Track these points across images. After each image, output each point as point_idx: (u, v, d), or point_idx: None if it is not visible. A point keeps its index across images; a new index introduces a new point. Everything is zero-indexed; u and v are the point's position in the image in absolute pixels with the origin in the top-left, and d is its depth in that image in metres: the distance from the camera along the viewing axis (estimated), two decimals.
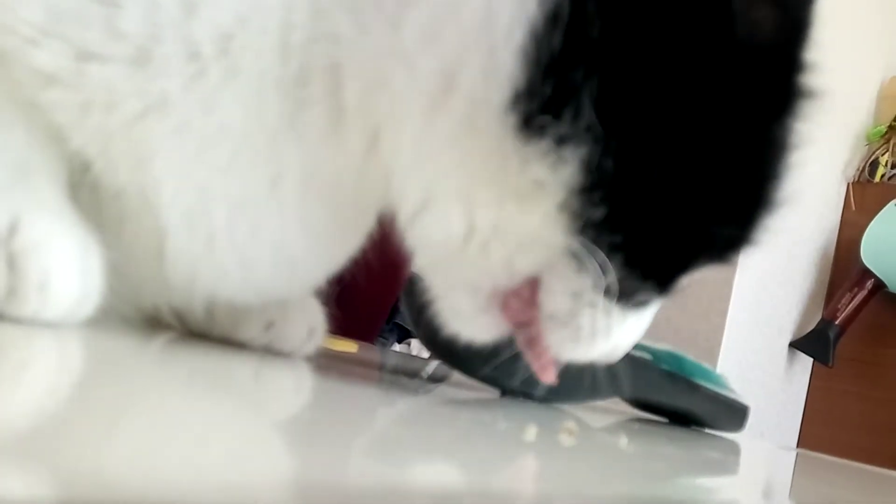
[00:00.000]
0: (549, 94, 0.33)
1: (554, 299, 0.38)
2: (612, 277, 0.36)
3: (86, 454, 0.18)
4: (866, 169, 1.98)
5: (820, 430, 1.90)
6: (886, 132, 1.97)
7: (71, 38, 0.36)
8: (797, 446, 1.91)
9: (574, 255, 0.36)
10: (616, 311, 0.38)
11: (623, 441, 0.41)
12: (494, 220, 0.36)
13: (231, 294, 0.45)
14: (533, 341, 0.40)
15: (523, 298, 0.39)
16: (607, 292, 0.37)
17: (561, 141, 0.34)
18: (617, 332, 0.39)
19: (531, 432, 0.36)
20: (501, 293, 0.39)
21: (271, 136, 0.40)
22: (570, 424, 0.41)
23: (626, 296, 0.38)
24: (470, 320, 0.41)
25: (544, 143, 0.34)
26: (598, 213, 0.35)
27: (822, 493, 0.52)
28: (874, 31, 2.00)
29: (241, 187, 0.40)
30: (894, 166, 1.96)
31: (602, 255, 0.36)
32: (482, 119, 0.35)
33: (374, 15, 0.38)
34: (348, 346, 0.77)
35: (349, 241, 0.50)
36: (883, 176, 1.96)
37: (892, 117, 1.98)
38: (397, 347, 1.28)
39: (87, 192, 0.40)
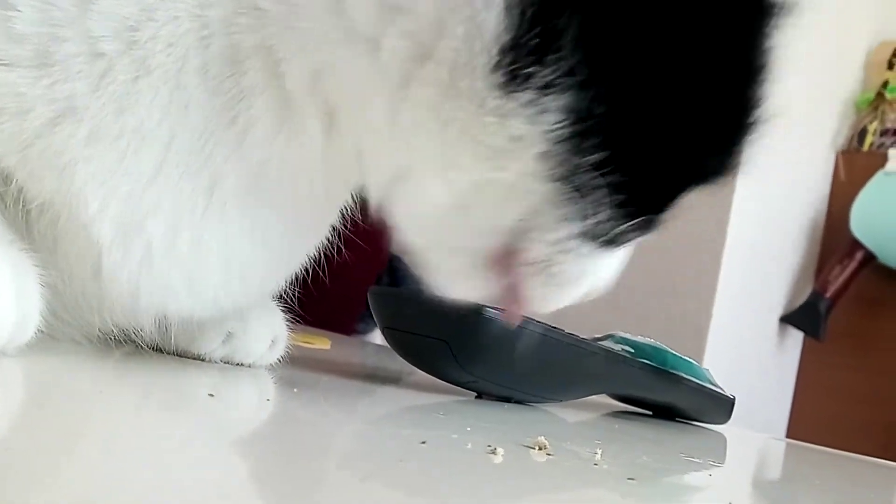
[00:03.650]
0: (533, 46, 0.33)
1: (535, 247, 0.37)
2: (598, 220, 0.36)
3: (32, 485, 0.18)
4: (855, 138, 1.96)
5: (812, 404, 1.90)
6: (875, 100, 1.95)
7: None
8: (789, 421, 1.91)
9: (555, 203, 0.36)
10: (597, 252, 0.38)
11: (598, 453, 0.39)
12: (473, 180, 0.36)
13: (179, 309, 0.43)
14: (512, 290, 0.40)
15: (509, 252, 0.38)
16: (590, 236, 0.37)
17: (544, 89, 0.33)
18: (596, 272, 0.39)
19: (499, 452, 0.35)
20: (488, 251, 0.38)
21: (200, 139, 0.38)
22: (541, 439, 0.39)
23: (611, 236, 0.37)
24: (459, 281, 0.40)
25: (526, 95, 0.33)
26: (586, 156, 0.34)
27: (811, 486, 0.51)
28: None
29: (174, 197, 0.38)
30: (883, 134, 1.94)
31: (587, 199, 0.35)
32: (465, 82, 0.34)
33: None
34: (321, 343, 0.75)
35: (309, 239, 0.48)
36: (872, 144, 1.94)
37: (881, 84, 1.95)
38: (378, 335, 1.26)
39: (12, 205, 0.38)
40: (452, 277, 0.40)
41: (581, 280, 0.39)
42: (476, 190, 0.36)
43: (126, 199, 0.37)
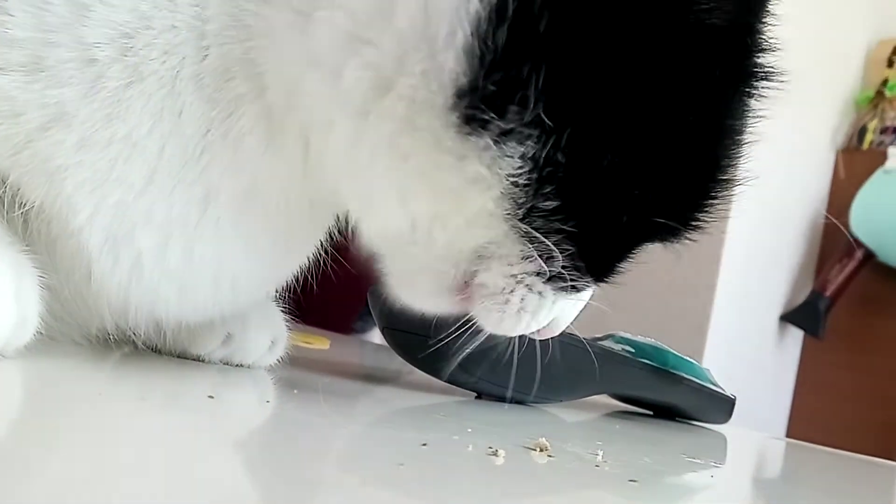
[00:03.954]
0: (494, 91, 0.32)
1: (491, 278, 0.38)
2: (554, 265, 0.36)
3: (31, 485, 0.18)
4: (855, 136, 1.96)
5: (812, 403, 1.90)
6: (874, 98, 1.95)
7: None
8: (788, 420, 1.91)
9: (512, 241, 0.36)
10: (551, 294, 0.38)
11: (599, 454, 0.39)
12: (434, 213, 0.36)
13: (169, 315, 0.42)
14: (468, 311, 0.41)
15: (469, 276, 0.39)
16: (545, 278, 0.37)
17: (504, 135, 0.33)
18: (547, 313, 0.39)
19: (500, 454, 0.35)
20: (449, 276, 0.38)
21: (195, 149, 0.37)
22: (542, 440, 0.38)
23: (564, 281, 0.38)
24: (422, 298, 0.41)
25: (485, 140, 0.33)
26: (542, 203, 0.34)
27: (812, 486, 0.51)
28: None
29: (166, 208, 0.38)
30: (883, 132, 1.94)
31: (542, 243, 0.36)
32: (422, 120, 0.33)
33: (279, 7, 0.36)
34: (321, 343, 0.75)
35: (303, 247, 0.48)
36: (871, 142, 1.94)
37: (880, 82, 1.95)
38: (376, 334, 1.25)
39: (9, 207, 0.37)
40: (416, 294, 0.41)
41: (538, 313, 0.39)
42: (436, 223, 0.36)
43: (116, 209, 0.37)
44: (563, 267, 0.37)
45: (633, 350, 0.64)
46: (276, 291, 0.51)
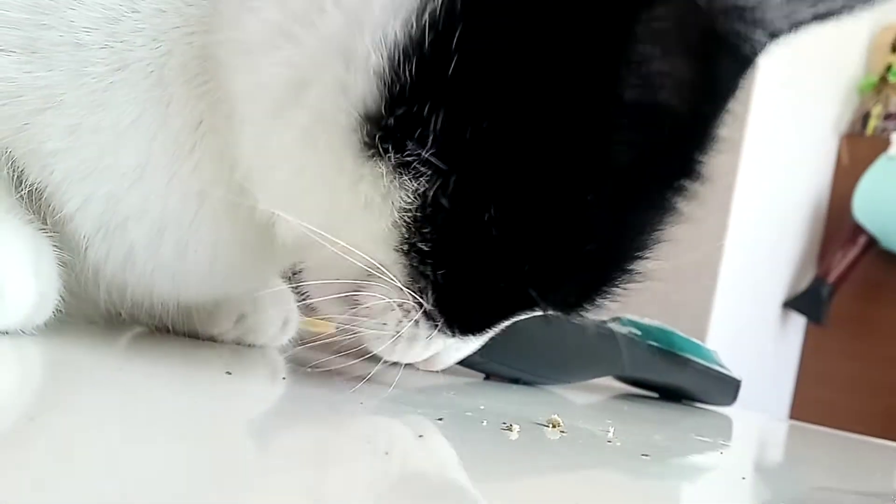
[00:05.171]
0: (394, 124, 0.32)
1: (370, 300, 0.37)
2: (428, 303, 0.36)
3: (53, 458, 0.18)
4: (858, 122, 1.96)
5: (814, 390, 1.90)
6: (878, 84, 1.94)
7: None
8: (791, 407, 1.92)
9: (396, 269, 0.35)
10: (426, 328, 0.37)
11: (610, 431, 0.39)
12: (327, 222, 0.35)
13: (165, 299, 0.42)
14: (352, 323, 0.39)
15: (358, 290, 0.38)
16: (423, 313, 0.36)
17: (400, 168, 0.32)
18: (425, 345, 0.38)
19: (515, 429, 0.35)
20: (338, 286, 0.38)
21: (185, 144, 0.37)
22: (555, 416, 0.39)
23: (436, 322, 0.37)
24: (318, 295, 0.41)
25: (381, 168, 0.33)
26: (421, 242, 0.34)
27: (816, 467, 0.51)
28: None
29: (161, 203, 0.37)
30: (886, 118, 1.93)
31: (419, 282, 0.35)
32: (324, 135, 0.33)
33: None
34: (325, 327, 0.75)
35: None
36: (875, 129, 1.93)
37: (884, 68, 1.95)
38: None
39: (18, 184, 0.38)
40: (315, 292, 0.41)
41: (413, 343, 0.38)
42: (329, 235, 0.35)
43: (107, 200, 0.37)
44: (436, 309, 0.36)
45: (640, 332, 0.65)
46: (287, 272, 0.51)
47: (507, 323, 0.39)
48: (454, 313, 0.36)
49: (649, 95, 0.33)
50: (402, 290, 0.36)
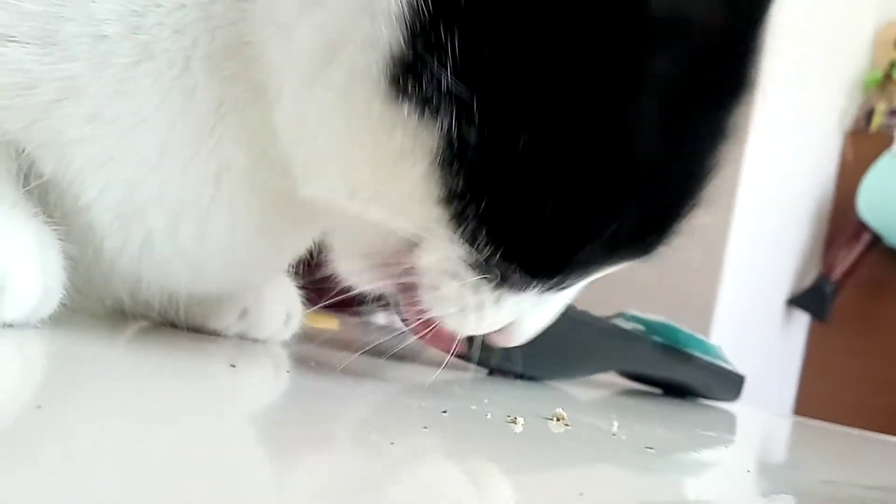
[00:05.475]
0: (413, 58, 0.32)
1: (422, 264, 0.36)
2: (480, 253, 0.34)
3: (59, 448, 0.18)
4: (862, 118, 1.95)
5: (817, 387, 1.90)
6: (882, 80, 1.94)
7: None
8: (795, 404, 1.91)
9: (441, 224, 0.34)
10: (488, 290, 0.35)
11: (615, 424, 0.39)
12: (371, 183, 0.35)
13: (182, 289, 0.43)
14: (412, 302, 0.38)
15: (402, 256, 0.37)
16: (478, 268, 0.35)
17: (423, 105, 0.32)
18: (493, 312, 0.36)
19: (519, 422, 0.35)
20: (383, 252, 0.37)
21: (208, 124, 0.37)
22: (559, 410, 0.39)
23: (496, 276, 0.35)
24: (357, 273, 0.39)
25: (406, 108, 0.32)
26: (460, 185, 0.33)
27: (819, 461, 0.51)
28: None
29: (178, 187, 0.38)
30: (891, 115, 1.93)
31: (466, 229, 0.34)
32: (359, 89, 0.33)
33: None
34: (329, 324, 0.75)
35: (312, 222, 0.48)
36: (879, 125, 1.93)
37: (888, 64, 1.94)
38: (383, 316, 1.25)
39: (27, 177, 0.38)
40: (352, 269, 0.39)
41: (474, 312, 0.36)
42: (373, 197, 0.35)
43: (126, 186, 0.37)
44: (493, 258, 0.34)
45: (644, 328, 0.64)
46: (290, 266, 0.51)
47: (577, 271, 0.36)
48: (510, 254, 0.34)
49: (679, 8, 0.32)
50: (452, 247, 0.35)
